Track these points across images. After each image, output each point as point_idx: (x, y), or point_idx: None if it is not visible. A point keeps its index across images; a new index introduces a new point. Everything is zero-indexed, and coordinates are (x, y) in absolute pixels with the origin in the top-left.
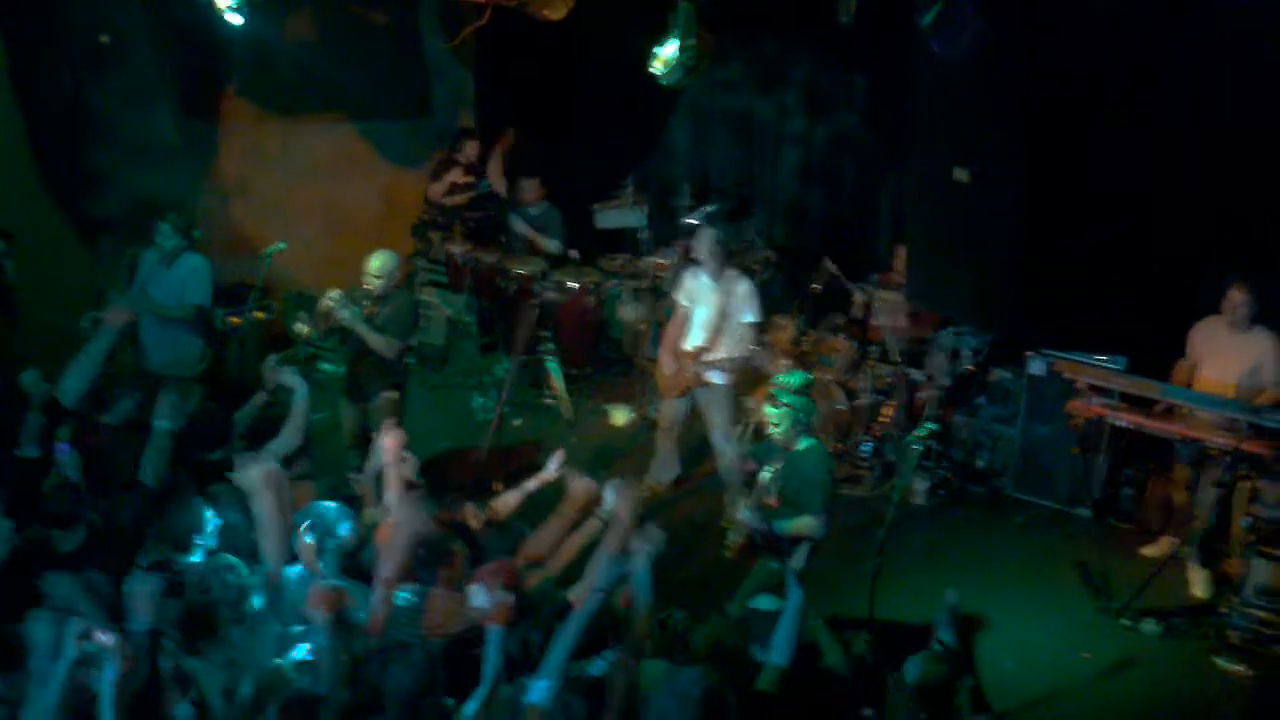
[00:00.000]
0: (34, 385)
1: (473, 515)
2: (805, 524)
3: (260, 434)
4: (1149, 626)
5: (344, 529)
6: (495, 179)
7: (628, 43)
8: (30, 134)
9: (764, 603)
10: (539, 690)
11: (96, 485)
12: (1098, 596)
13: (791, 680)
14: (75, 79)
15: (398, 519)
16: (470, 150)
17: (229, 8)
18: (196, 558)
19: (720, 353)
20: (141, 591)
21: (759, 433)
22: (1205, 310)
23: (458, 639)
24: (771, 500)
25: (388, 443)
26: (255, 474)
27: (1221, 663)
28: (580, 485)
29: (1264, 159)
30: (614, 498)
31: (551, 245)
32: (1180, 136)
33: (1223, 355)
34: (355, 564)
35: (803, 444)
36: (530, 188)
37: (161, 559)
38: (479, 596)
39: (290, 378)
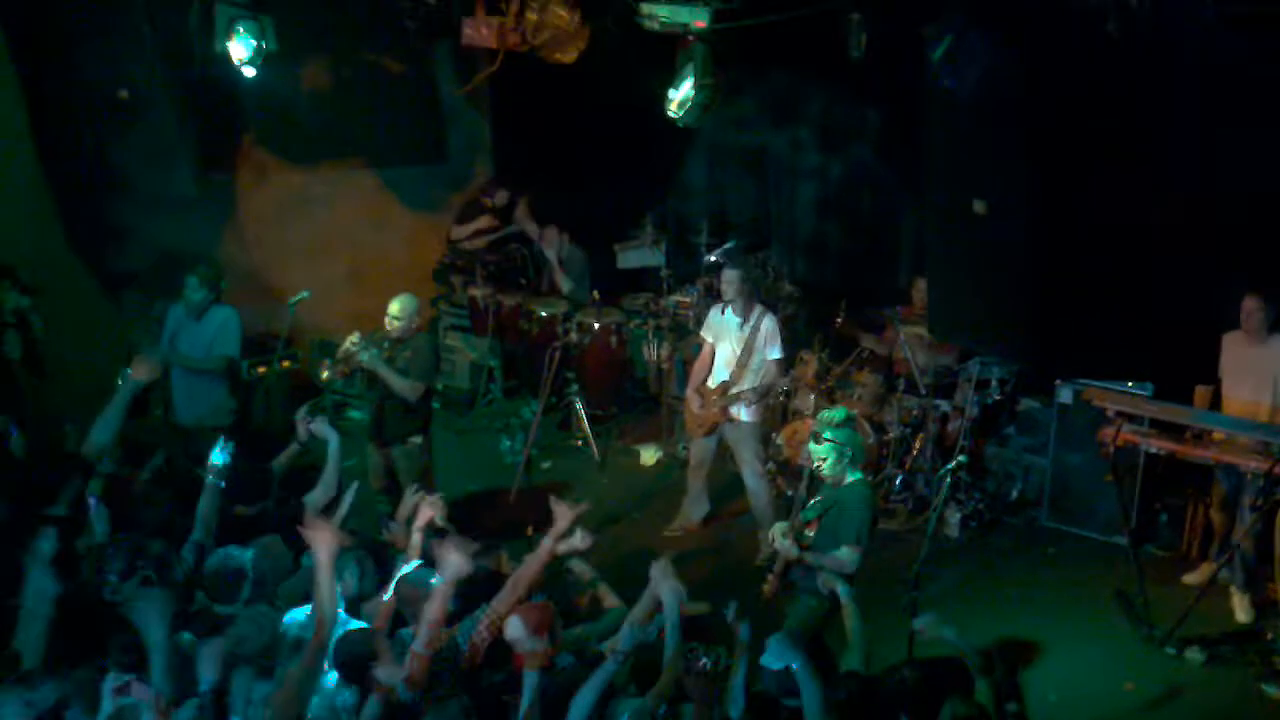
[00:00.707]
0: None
1: (505, 563)
2: (839, 556)
3: (291, 485)
4: (1193, 654)
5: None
6: (525, 224)
7: (640, 83)
8: (53, 189)
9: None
10: None
11: (126, 540)
12: (1139, 625)
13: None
14: (96, 134)
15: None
16: (501, 198)
17: (244, 60)
18: (236, 608)
19: (744, 387)
20: (208, 651)
21: (788, 467)
22: (1225, 329)
23: (494, 685)
24: (810, 532)
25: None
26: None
27: (1269, 690)
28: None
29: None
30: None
31: (565, 283)
32: (1192, 160)
33: (1248, 372)
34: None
35: (850, 478)
36: (548, 235)
37: (202, 610)
38: (515, 628)
39: (322, 427)
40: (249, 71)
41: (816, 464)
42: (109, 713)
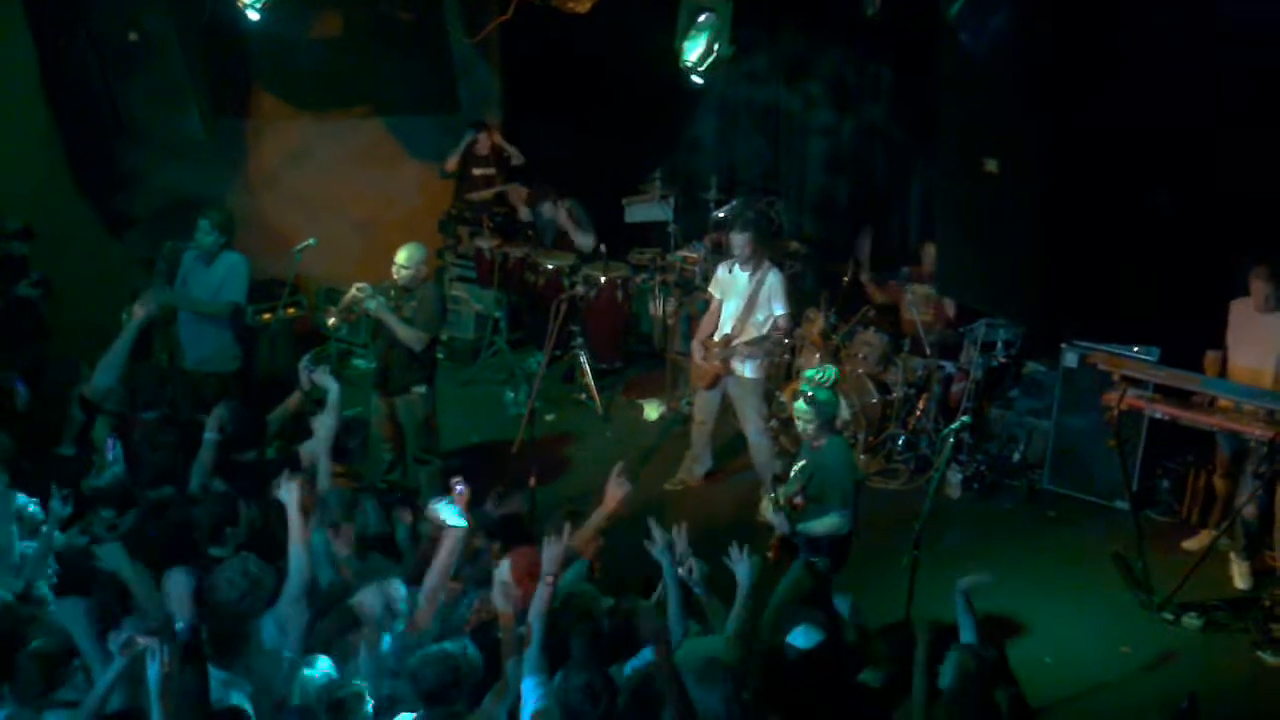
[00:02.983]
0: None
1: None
2: (830, 522)
3: (295, 433)
4: (1190, 620)
5: None
6: (519, 206)
7: (652, 35)
8: (63, 134)
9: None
10: (528, 689)
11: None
12: (1137, 590)
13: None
14: (105, 78)
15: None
16: (483, 143)
17: (248, 4)
18: (225, 551)
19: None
20: (177, 589)
21: (791, 424)
22: (1233, 294)
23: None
24: (798, 501)
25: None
26: (288, 491)
27: (1265, 656)
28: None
29: None
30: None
31: (583, 240)
32: (1207, 123)
33: (1256, 340)
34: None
35: (828, 440)
36: (545, 208)
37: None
38: (502, 570)
39: (323, 377)
40: (253, 15)
41: (800, 422)
42: (120, 668)
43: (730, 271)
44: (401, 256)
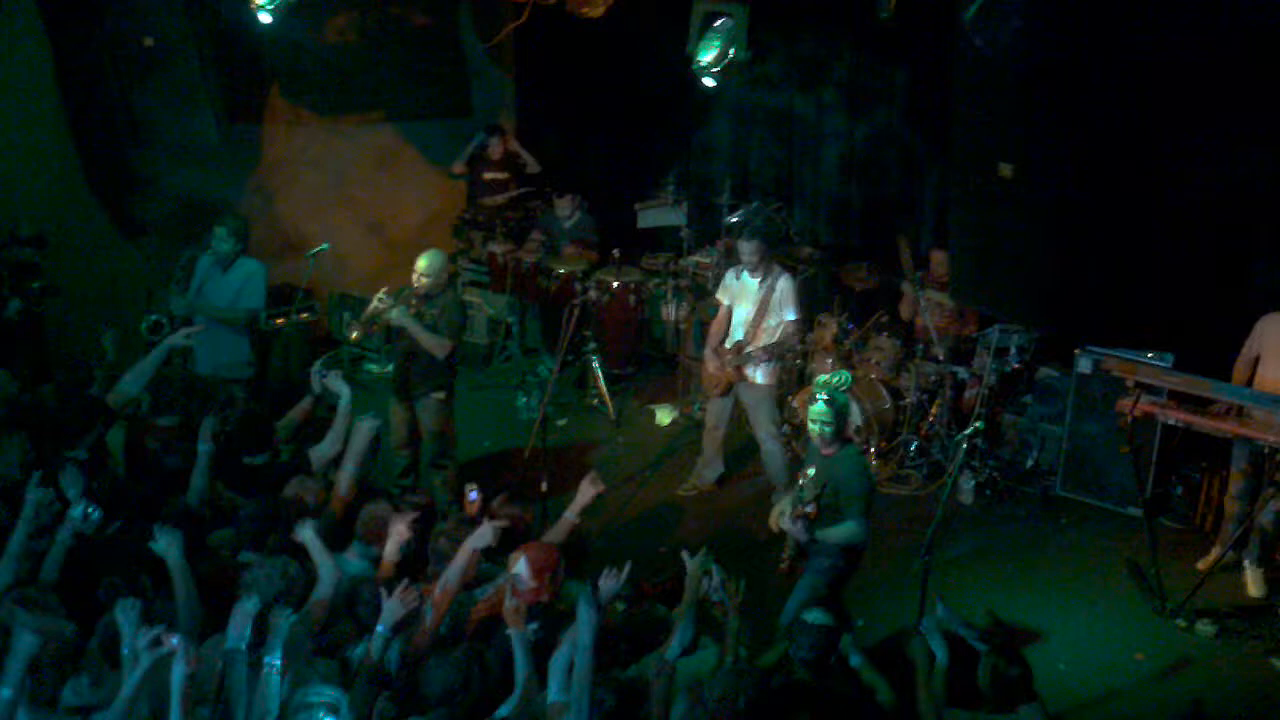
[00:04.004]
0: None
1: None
2: (847, 531)
3: (307, 437)
4: (1204, 627)
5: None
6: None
7: (665, 40)
8: (77, 137)
9: (815, 616)
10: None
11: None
12: (1151, 597)
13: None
14: (120, 83)
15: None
16: (495, 148)
17: (260, 6)
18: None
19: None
20: (241, 610)
21: (803, 430)
22: (1252, 303)
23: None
24: (811, 511)
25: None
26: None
27: (1279, 664)
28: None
29: None
30: None
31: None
32: (1225, 127)
33: None
34: None
35: (838, 448)
36: (563, 205)
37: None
38: (518, 565)
39: (335, 383)
40: (265, 18)
41: (815, 424)
42: (147, 666)
43: (739, 278)
44: (422, 264)
